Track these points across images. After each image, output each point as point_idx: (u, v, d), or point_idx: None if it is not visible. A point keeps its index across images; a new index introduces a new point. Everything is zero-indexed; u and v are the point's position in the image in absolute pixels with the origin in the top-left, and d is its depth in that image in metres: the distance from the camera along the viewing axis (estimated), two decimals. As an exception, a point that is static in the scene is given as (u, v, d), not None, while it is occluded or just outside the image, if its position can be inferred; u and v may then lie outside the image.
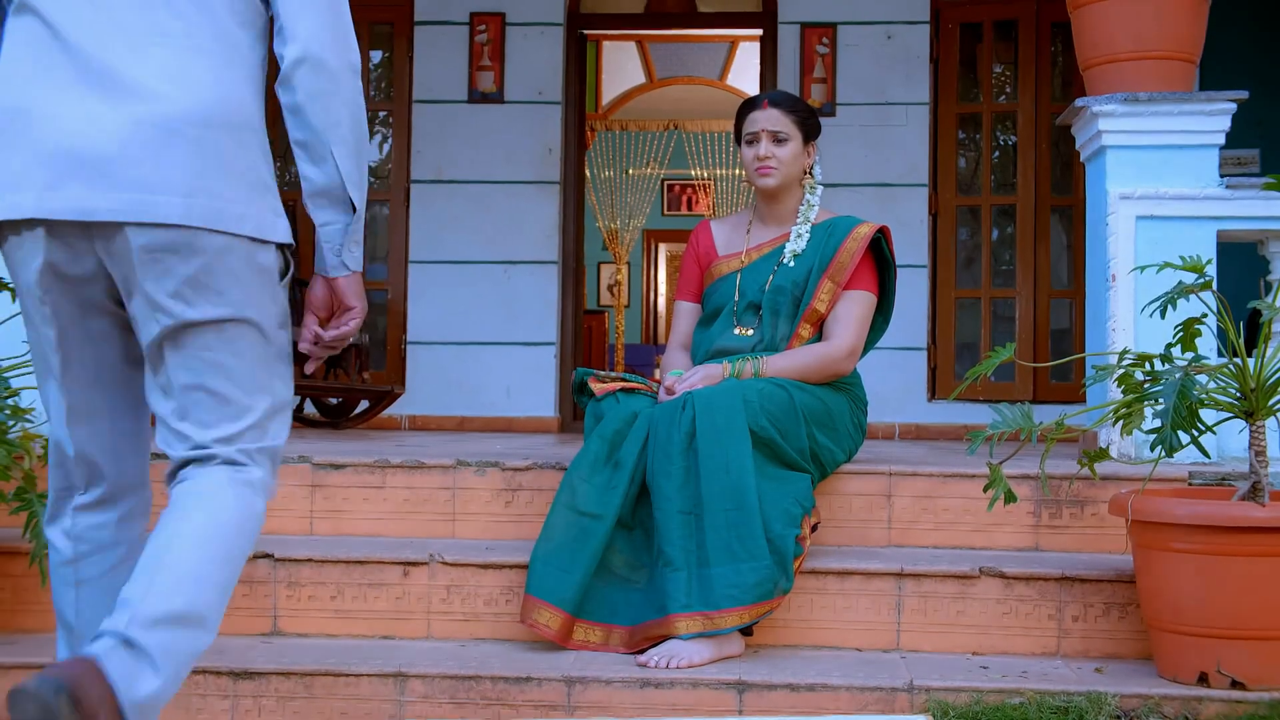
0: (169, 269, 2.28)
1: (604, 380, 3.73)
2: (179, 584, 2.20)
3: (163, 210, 2.26)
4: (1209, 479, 3.74)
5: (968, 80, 7.62)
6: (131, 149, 2.25)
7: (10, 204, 2.28)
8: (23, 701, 1.97)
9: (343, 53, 2.40)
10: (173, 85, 2.28)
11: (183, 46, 2.31)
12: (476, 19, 7.50)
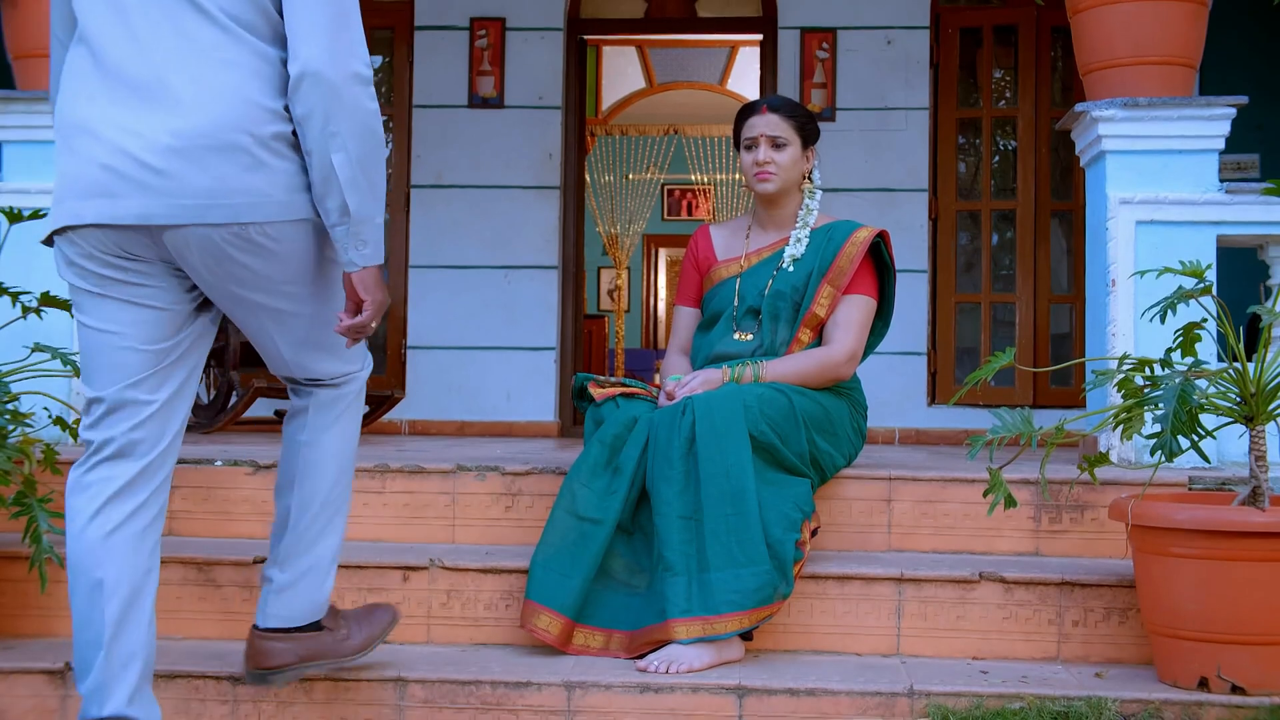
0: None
1: (604, 385, 3.73)
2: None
3: (210, 213, 2.58)
4: (1209, 484, 3.74)
5: (968, 85, 7.63)
6: (169, 160, 2.55)
7: (71, 211, 2.61)
8: None
9: (345, 65, 2.60)
10: (202, 98, 2.56)
11: (212, 61, 2.58)
12: (477, 24, 7.50)
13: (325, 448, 2.95)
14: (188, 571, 3.58)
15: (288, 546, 2.97)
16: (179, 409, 2.78)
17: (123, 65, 2.59)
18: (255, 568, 3.57)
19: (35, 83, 4.35)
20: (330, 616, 3.09)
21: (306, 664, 3.03)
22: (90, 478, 2.70)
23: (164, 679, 3.20)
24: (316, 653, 3.04)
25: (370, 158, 2.65)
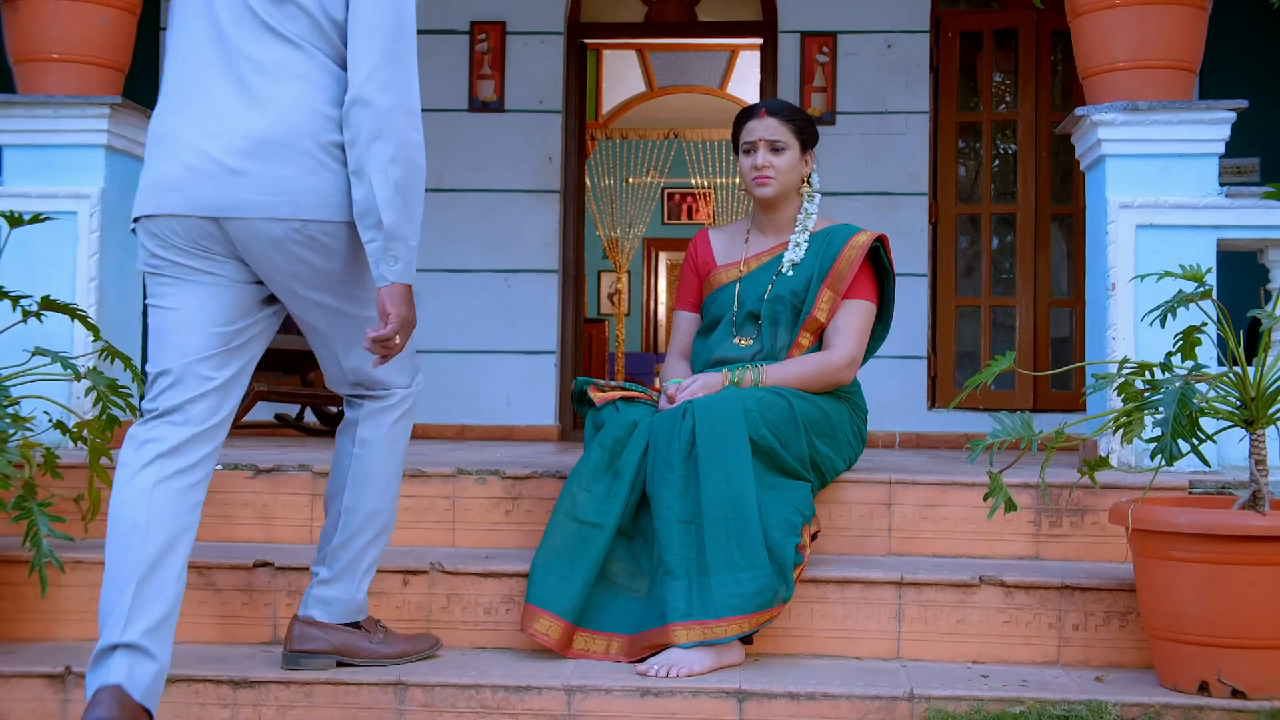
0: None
1: (604, 389, 3.73)
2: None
3: (274, 208, 2.86)
4: (1209, 488, 3.73)
5: (968, 89, 7.63)
6: (242, 160, 2.84)
7: (152, 202, 2.91)
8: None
9: (391, 95, 2.86)
10: (270, 108, 2.86)
11: (285, 75, 2.88)
12: (477, 28, 7.50)
13: (372, 461, 3.19)
14: (188, 575, 3.57)
15: (334, 549, 3.22)
16: (234, 391, 2.99)
17: (208, 80, 2.91)
18: (255, 572, 3.57)
19: (36, 86, 4.35)
20: (370, 622, 3.29)
21: (339, 656, 3.24)
22: (146, 433, 2.90)
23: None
24: (349, 649, 3.25)
25: (409, 184, 2.88)
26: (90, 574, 3.58)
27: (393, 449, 3.23)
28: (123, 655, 2.77)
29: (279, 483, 3.91)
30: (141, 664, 2.78)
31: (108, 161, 4.35)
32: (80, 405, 4.06)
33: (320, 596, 3.23)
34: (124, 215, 4.47)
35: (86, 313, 3.82)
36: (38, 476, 3.43)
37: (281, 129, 2.86)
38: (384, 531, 3.26)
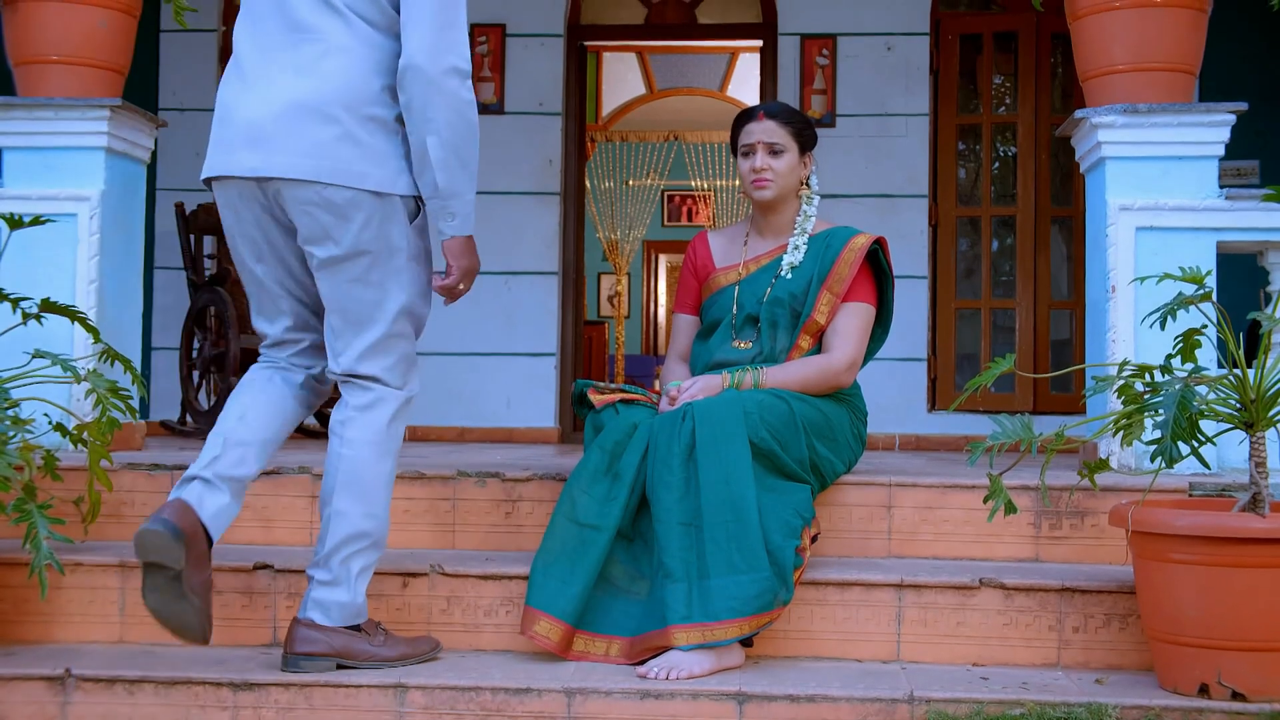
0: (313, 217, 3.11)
1: (604, 391, 3.72)
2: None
3: (299, 169, 3.05)
4: (1209, 490, 3.73)
5: (968, 91, 7.63)
6: (278, 124, 3.05)
7: (211, 165, 3.19)
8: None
9: (443, 59, 3.03)
10: (311, 77, 3.06)
11: (330, 47, 3.08)
12: (477, 30, 7.50)
13: (360, 463, 3.22)
14: (188, 578, 3.58)
15: (327, 553, 3.23)
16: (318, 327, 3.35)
17: (261, 53, 3.14)
18: (255, 574, 3.57)
19: (36, 89, 4.35)
20: (370, 625, 3.29)
21: (338, 659, 3.25)
22: (266, 354, 3.38)
23: (164, 686, 3.21)
24: (349, 652, 3.26)
25: (463, 142, 3.09)
26: (90, 576, 3.59)
27: (382, 453, 3.24)
28: (200, 484, 3.14)
29: (278, 485, 3.91)
30: (213, 494, 3.14)
31: (108, 164, 4.35)
32: (80, 407, 4.06)
33: (319, 599, 3.23)
34: (124, 218, 4.48)
35: (87, 315, 3.82)
36: (38, 479, 3.43)
37: (317, 96, 3.05)
38: (375, 536, 3.26)
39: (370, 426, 3.23)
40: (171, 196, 6.87)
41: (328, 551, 3.22)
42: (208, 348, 6.23)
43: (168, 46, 7.44)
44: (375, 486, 3.24)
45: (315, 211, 3.08)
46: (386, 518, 3.29)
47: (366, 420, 3.23)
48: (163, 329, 7.19)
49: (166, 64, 7.48)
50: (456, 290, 3.24)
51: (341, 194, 3.07)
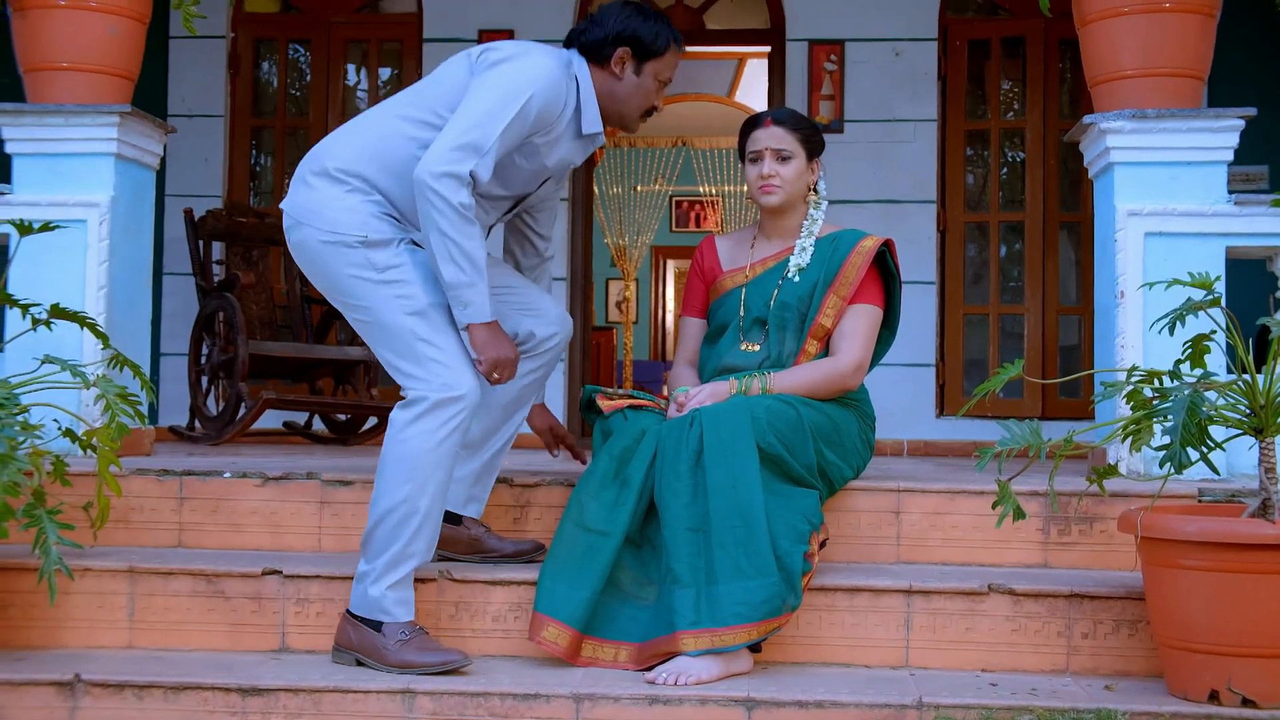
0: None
1: (612, 397, 3.72)
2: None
3: (286, 217, 3.48)
4: (1218, 496, 3.73)
5: (975, 97, 7.63)
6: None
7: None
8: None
9: (440, 166, 3.25)
10: (324, 152, 3.48)
11: (351, 129, 3.53)
12: (485, 36, 7.51)
13: (388, 451, 3.34)
14: (196, 583, 3.58)
15: (363, 537, 3.37)
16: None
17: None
18: (264, 579, 3.57)
19: (46, 95, 4.36)
20: (394, 627, 3.33)
21: (358, 655, 3.36)
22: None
23: (172, 691, 3.22)
24: (366, 649, 3.35)
25: (459, 241, 3.26)
26: (99, 581, 3.59)
27: (404, 447, 3.31)
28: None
29: (287, 490, 3.91)
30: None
31: (117, 170, 4.36)
32: (89, 413, 4.07)
33: (357, 590, 3.37)
34: (134, 224, 4.49)
35: (96, 321, 3.83)
36: (47, 484, 3.43)
37: (305, 167, 3.49)
38: (399, 527, 3.31)
39: (399, 420, 3.35)
40: (180, 202, 6.90)
41: (364, 534, 3.37)
42: (216, 353, 6.23)
43: (177, 53, 7.46)
44: (397, 477, 3.31)
45: (293, 251, 3.52)
46: (412, 514, 3.31)
47: (400, 414, 3.35)
48: (171, 335, 7.19)
49: (175, 70, 7.50)
50: (492, 378, 3.36)
51: (298, 235, 3.48)
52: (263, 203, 7.75)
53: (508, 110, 3.32)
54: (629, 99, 3.61)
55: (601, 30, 3.55)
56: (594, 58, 3.56)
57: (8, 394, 3.22)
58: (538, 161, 3.53)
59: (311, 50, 7.80)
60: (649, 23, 3.58)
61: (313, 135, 7.71)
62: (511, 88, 3.35)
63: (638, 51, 3.56)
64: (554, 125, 3.48)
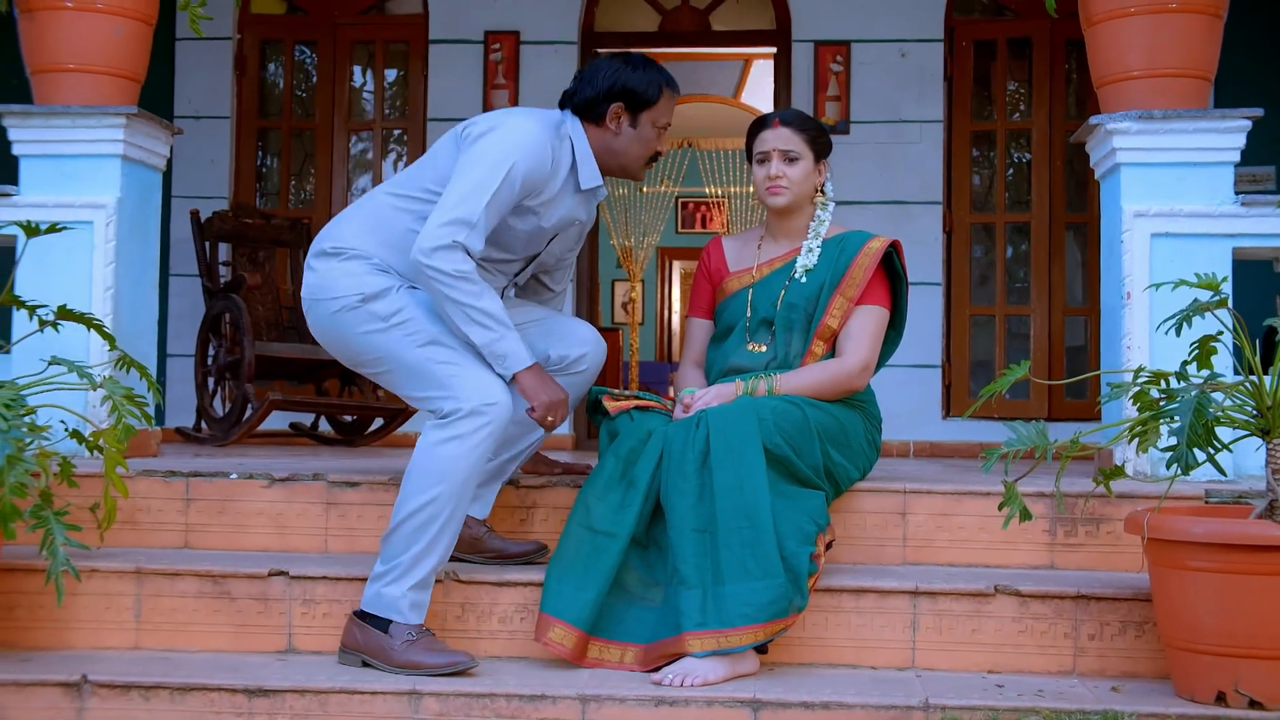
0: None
1: (618, 399, 3.72)
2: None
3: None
4: (1225, 497, 3.72)
5: (982, 98, 7.62)
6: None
7: None
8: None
9: (431, 241, 3.36)
10: (323, 235, 3.64)
11: (348, 212, 3.72)
12: (491, 37, 7.52)
13: (419, 460, 3.37)
14: (203, 584, 3.59)
15: (385, 535, 3.40)
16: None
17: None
18: (270, 580, 3.58)
19: (53, 97, 4.36)
20: (401, 628, 3.33)
21: (364, 656, 3.37)
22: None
23: (179, 692, 3.22)
24: (373, 650, 3.36)
25: (472, 304, 3.37)
26: (106, 583, 3.60)
27: (436, 452, 3.35)
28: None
29: (293, 492, 3.91)
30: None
31: (124, 171, 4.37)
32: (95, 414, 4.07)
33: (369, 589, 3.39)
34: (140, 225, 4.49)
35: (103, 322, 3.83)
36: (54, 485, 3.44)
37: (315, 245, 3.66)
38: (422, 529, 3.33)
39: (428, 435, 3.41)
40: (186, 204, 6.90)
41: (386, 533, 3.40)
42: (223, 355, 6.23)
43: (183, 54, 7.46)
44: (417, 486, 3.35)
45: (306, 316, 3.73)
46: (430, 524, 3.34)
47: (426, 430, 3.43)
48: (178, 336, 7.20)
49: (182, 72, 7.50)
50: (547, 422, 3.46)
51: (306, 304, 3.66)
52: (268, 204, 7.76)
53: (491, 182, 3.42)
54: (628, 151, 3.68)
55: (592, 89, 3.63)
56: (589, 117, 3.65)
57: (14, 396, 3.22)
58: (533, 223, 3.61)
59: (317, 52, 7.81)
60: (639, 73, 3.65)
61: (319, 137, 7.73)
62: (494, 159, 3.44)
63: (631, 104, 3.63)
64: (544, 187, 3.57)
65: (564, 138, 3.62)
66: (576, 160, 3.63)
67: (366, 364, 3.58)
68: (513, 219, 3.57)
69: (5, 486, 3.10)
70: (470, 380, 3.40)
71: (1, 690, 3.25)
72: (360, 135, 7.85)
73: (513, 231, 3.60)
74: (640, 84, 3.63)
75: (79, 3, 4.33)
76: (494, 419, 3.36)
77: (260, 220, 6.82)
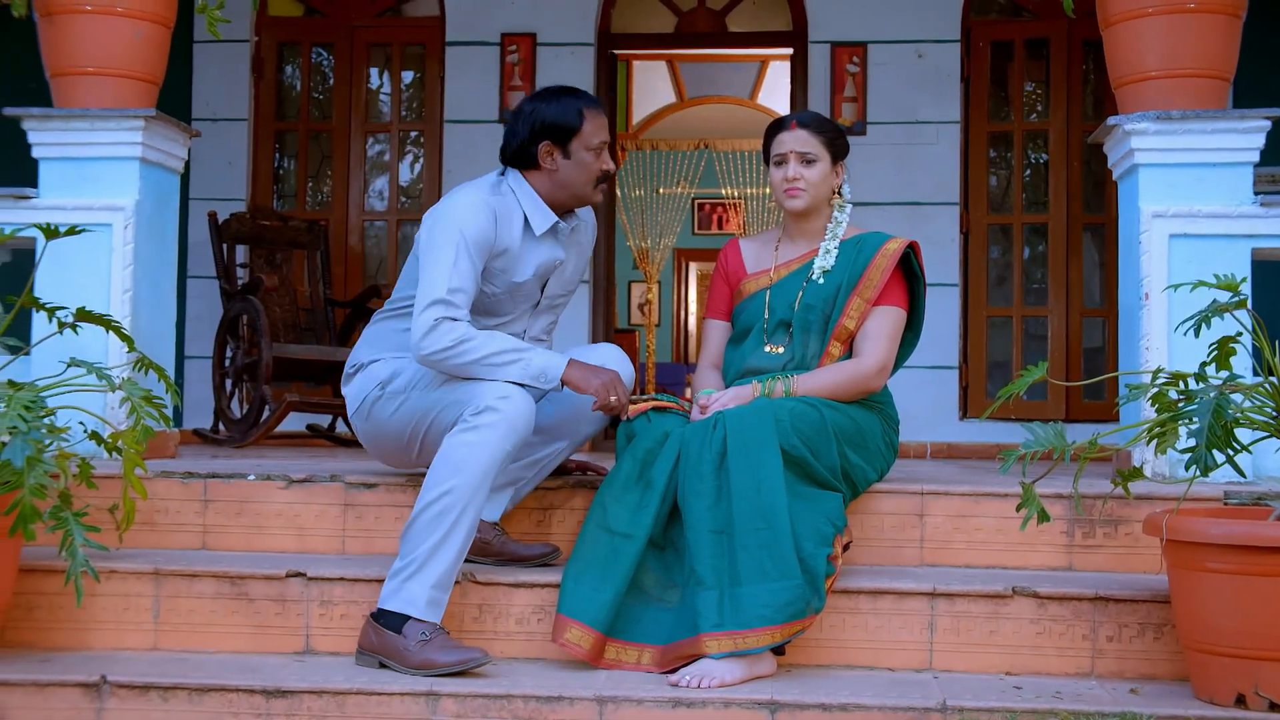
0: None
1: (636, 400, 3.72)
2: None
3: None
4: (1244, 498, 3.71)
5: (998, 98, 7.61)
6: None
7: None
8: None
9: (415, 337, 3.49)
10: (347, 363, 3.83)
11: (359, 340, 3.86)
12: (508, 39, 7.53)
13: (437, 457, 3.43)
14: (220, 585, 3.60)
15: (403, 536, 3.42)
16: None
17: None
18: (287, 581, 3.58)
19: (72, 100, 4.38)
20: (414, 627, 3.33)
21: (380, 657, 3.38)
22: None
23: (197, 693, 3.23)
24: (388, 651, 3.36)
25: (483, 356, 3.46)
26: (124, 584, 3.61)
27: (455, 443, 3.40)
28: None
29: (311, 493, 3.92)
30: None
31: (142, 174, 4.38)
32: (114, 415, 4.08)
33: (387, 586, 3.40)
34: (158, 227, 4.51)
35: (121, 324, 3.84)
36: (73, 486, 3.45)
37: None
38: (439, 519, 3.36)
39: (449, 435, 3.46)
40: (204, 206, 6.92)
41: (407, 522, 3.44)
42: (240, 356, 6.26)
43: (201, 57, 7.49)
44: (436, 477, 3.40)
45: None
46: (440, 516, 3.36)
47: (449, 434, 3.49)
48: (196, 337, 7.22)
49: (200, 74, 7.53)
50: (609, 404, 3.51)
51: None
52: (286, 206, 7.78)
53: (447, 258, 3.52)
54: (572, 182, 3.73)
55: (516, 138, 3.73)
56: (524, 164, 3.75)
57: (34, 397, 3.23)
58: (506, 282, 3.69)
59: (334, 54, 7.83)
60: (554, 105, 3.71)
61: (335, 139, 7.75)
62: (442, 239, 3.55)
63: (557, 138, 3.69)
64: (504, 245, 3.65)
65: (505, 193, 3.71)
66: (525, 210, 3.71)
67: (413, 442, 3.62)
68: (486, 286, 3.65)
69: (25, 488, 3.12)
70: (485, 387, 3.45)
71: (21, 690, 3.26)
72: (377, 137, 7.87)
73: (494, 298, 3.70)
74: (558, 116, 3.68)
75: (98, 6, 4.35)
76: (508, 413, 3.38)
77: (278, 222, 6.84)
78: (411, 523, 3.40)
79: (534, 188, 3.73)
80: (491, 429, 3.37)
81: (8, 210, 4.34)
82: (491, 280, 3.67)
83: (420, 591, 3.35)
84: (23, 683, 3.27)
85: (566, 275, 3.86)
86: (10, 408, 3.16)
